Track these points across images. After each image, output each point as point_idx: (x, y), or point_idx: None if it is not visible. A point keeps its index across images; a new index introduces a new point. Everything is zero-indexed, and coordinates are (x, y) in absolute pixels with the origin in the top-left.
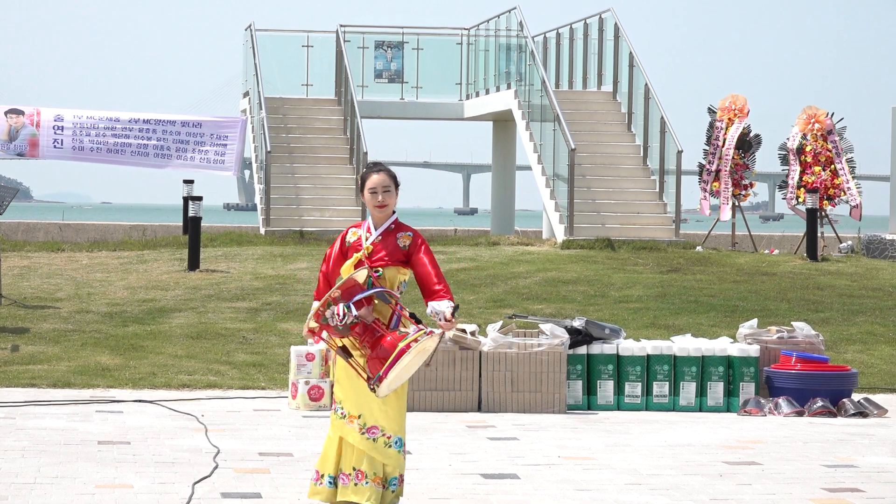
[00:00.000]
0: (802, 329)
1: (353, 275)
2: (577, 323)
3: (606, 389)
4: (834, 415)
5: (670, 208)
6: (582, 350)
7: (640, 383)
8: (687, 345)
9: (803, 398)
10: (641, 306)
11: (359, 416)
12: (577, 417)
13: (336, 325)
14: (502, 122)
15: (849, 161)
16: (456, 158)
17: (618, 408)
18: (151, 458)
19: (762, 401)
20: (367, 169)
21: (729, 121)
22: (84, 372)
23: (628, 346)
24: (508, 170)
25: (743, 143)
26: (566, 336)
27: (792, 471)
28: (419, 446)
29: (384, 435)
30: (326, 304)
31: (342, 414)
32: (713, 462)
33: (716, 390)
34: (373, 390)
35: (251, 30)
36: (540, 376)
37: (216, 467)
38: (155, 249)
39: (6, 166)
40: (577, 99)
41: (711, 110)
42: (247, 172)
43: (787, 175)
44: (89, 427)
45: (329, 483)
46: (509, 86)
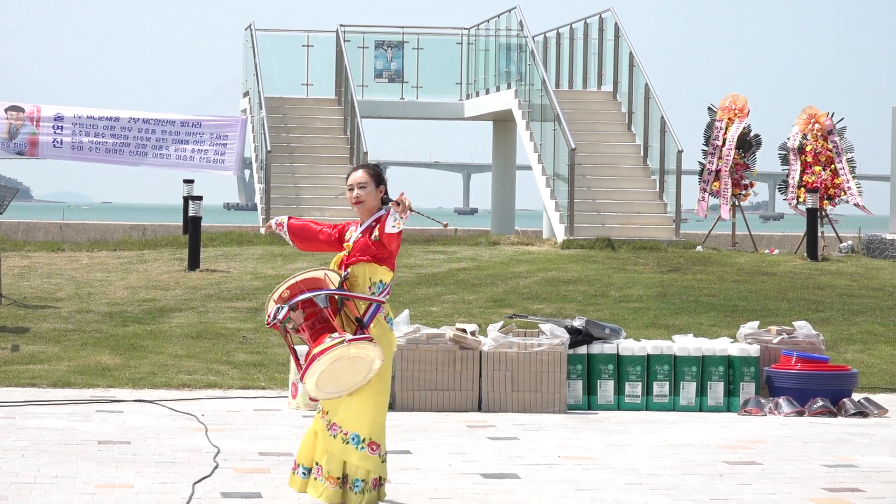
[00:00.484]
0: (803, 328)
1: (313, 274)
2: (578, 323)
3: (606, 389)
4: (834, 415)
5: (670, 208)
6: (582, 350)
7: (641, 383)
8: (687, 345)
9: (803, 398)
10: (641, 306)
11: (327, 412)
12: (578, 417)
13: (283, 324)
14: (502, 122)
15: (849, 161)
16: (456, 158)
17: (618, 408)
18: (151, 458)
19: (762, 401)
20: (352, 168)
21: (729, 121)
22: (84, 372)
23: (628, 346)
24: (508, 170)
25: (743, 143)
26: (566, 336)
27: (792, 471)
28: (419, 446)
29: (342, 432)
30: (281, 300)
31: (319, 408)
32: (713, 462)
33: (716, 390)
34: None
35: (251, 30)
36: (540, 376)
37: (216, 467)
38: (155, 249)
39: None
40: (577, 99)
41: (711, 110)
42: (247, 172)
43: (788, 175)
44: (89, 427)
45: (303, 473)
46: (509, 85)
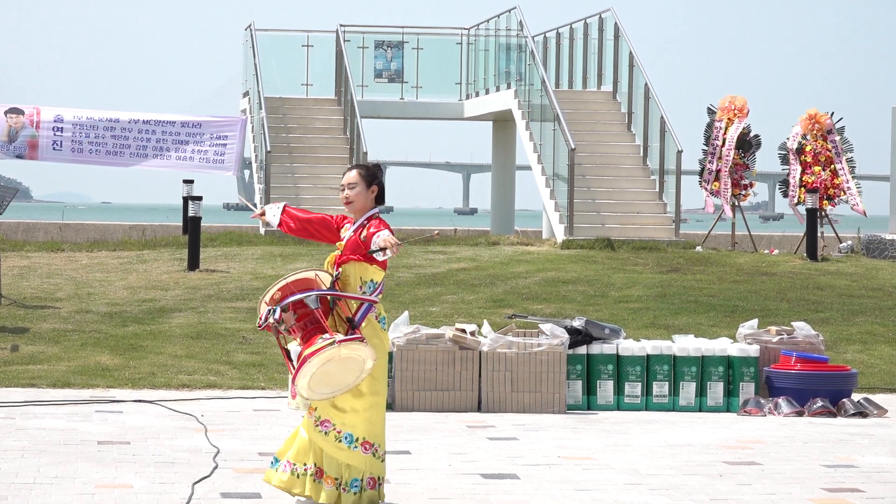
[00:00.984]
0: (802, 329)
1: (304, 275)
2: (577, 323)
3: (606, 389)
4: (834, 415)
5: (670, 208)
6: (582, 350)
7: (640, 383)
8: (687, 345)
9: (803, 398)
10: (641, 306)
11: (315, 409)
12: (577, 417)
13: (275, 326)
14: (502, 122)
15: (849, 161)
16: (456, 158)
17: (618, 408)
18: (151, 458)
19: (762, 401)
20: (348, 167)
21: (729, 121)
22: (84, 372)
23: (628, 346)
24: (508, 170)
25: (743, 143)
26: (566, 336)
27: (792, 471)
28: (419, 446)
29: (335, 429)
30: (273, 302)
31: (306, 405)
32: (713, 462)
33: (716, 390)
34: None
35: (251, 30)
36: (540, 376)
37: (216, 467)
38: (155, 249)
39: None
40: (577, 99)
41: (711, 110)
42: (247, 172)
43: (788, 175)
44: (89, 427)
45: (271, 463)
46: (509, 86)
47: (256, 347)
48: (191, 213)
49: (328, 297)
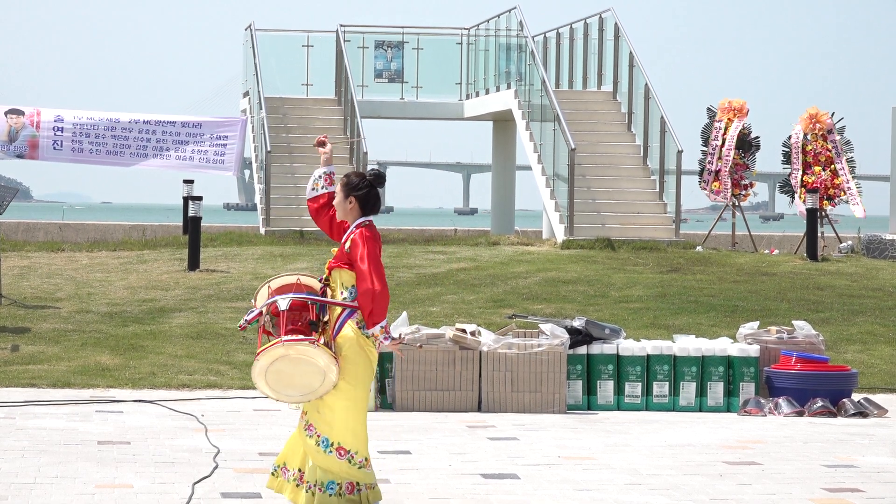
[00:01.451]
0: (803, 328)
1: (285, 280)
2: (577, 323)
3: (606, 389)
4: (834, 415)
5: (670, 208)
6: (582, 350)
7: (640, 383)
8: (687, 345)
9: (803, 398)
10: (641, 306)
11: (306, 413)
12: (577, 417)
13: (239, 326)
14: (502, 122)
15: (849, 161)
16: (456, 158)
17: (618, 408)
18: (151, 458)
19: (762, 401)
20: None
21: (728, 121)
22: (84, 372)
23: (628, 346)
24: (508, 170)
25: (743, 143)
26: (566, 336)
27: (792, 471)
28: (419, 446)
29: (316, 433)
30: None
31: (300, 408)
32: (713, 462)
33: (716, 390)
34: None
35: (251, 30)
36: (540, 376)
37: (216, 467)
38: (155, 249)
39: (6, 166)
40: (577, 99)
41: (711, 111)
42: (247, 172)
43: (790, 175)
44: (89, 427)
45: (272, 472)
46: (509, 86)
47: (256, 347)
48: (191, 213)
49: (309, 304)
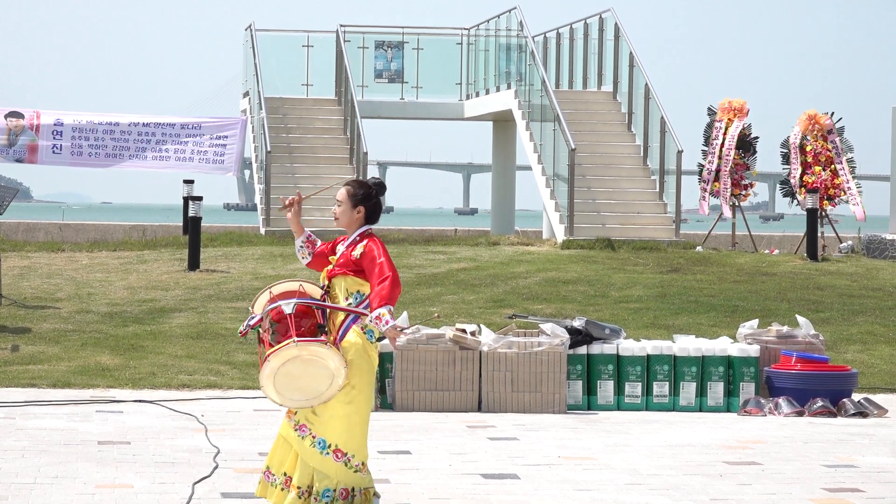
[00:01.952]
0: (805, 325)
1: (287, 286)
2: (577, 323)
3: (606, 389)
4: (834, 415)
5: (670, 208)
6: (582, 350)
7: (640, 383)
8: (687, 345)
9: (803, 398)
10: (641, 306)
11: (295, 413)
12: (577, 417)
13: (239, 332)
14: (502, 122)
15: (849, 161)
16: (456, 158)
17: (618, 408)
18: (151, 458)
19: (762, 401)
20: (346, 180)
21: (729, 121)
22: (84, 372)
23: (628, 346)
24: (508, 170)
25: (743, 143)
26: (566, 336)
27: (792, 471)
28: (419, 446)
29: (311, 434)
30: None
31: (286, 410)
32: (713, 462)
33: (716, 390)
34: None
35: (251, 30)
36: (540, 376)
37: (216, 467)
38: (155, 249)
39: (6, 166)
40: (577, 99)
41: (711, 111)
42: (247, 172)
43: (789, 174)
44: (89, 427)
45: (266, 477)
46: (509, 86)
47: (256, 347)
48: (191, 214)
49: (314, 310)
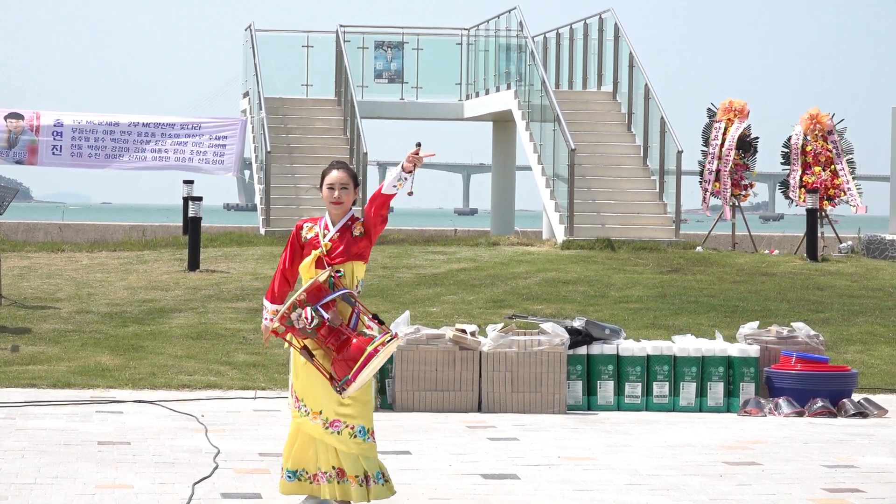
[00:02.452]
0: (802, 330)
1: (317, 277)
2: (577, 323)
3: (606, 390)
4: (834, 415)
5: (670, 208)
6: (582, 350)
7: (640, 383)
8: (687, 345)
9: (803, 398)
10: (641, 306)
11: (320, 412)
12: (577, 418)
13: (304, 328)
14: (502, 123)
15: (849, 161)
16: (456, 158)
17: (618, 408)
18: (151, 459)
19: (762, 401)
20: (329, 165)
21: (729, 121)
22: (84, 372)
23: (628, 347)
24: (508, 170)
25: (743, 144)
26: (566, 336)
27: (792, 471)
28: (419, 446)
29: (347, 426)
30: (292, 307)
31: (306, 411)
32: (713, 462)
33: (716, 390)
34: (339, 392)
35: (251, 30)
36: (540, 376)
37: (216, 467)
38: (155, 250)
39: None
40: (577, 99)
41: (711, 111)
42: (247, 173)
43: (789, 175)
44: (89, 427)
45: (288, 477)
46: (509, 86)
47: (256, 348)
48: (191, 214)
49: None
